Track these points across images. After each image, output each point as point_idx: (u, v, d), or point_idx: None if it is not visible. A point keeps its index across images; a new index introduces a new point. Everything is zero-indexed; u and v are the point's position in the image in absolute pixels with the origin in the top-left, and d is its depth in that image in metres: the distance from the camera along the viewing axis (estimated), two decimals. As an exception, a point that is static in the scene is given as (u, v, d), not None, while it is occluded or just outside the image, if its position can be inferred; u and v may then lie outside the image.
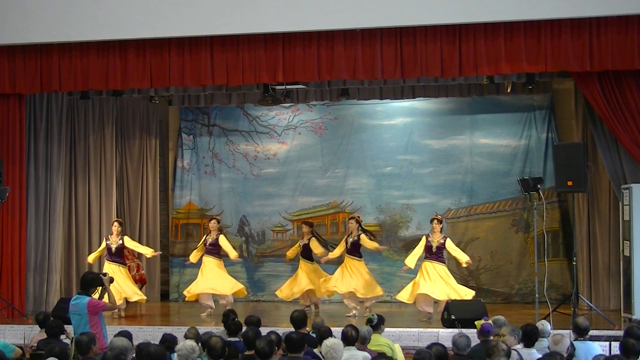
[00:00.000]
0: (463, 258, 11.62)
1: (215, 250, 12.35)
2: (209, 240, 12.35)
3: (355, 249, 12.07)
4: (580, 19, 10.55)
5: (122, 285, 11.95)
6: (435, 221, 11.74)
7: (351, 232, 12.16)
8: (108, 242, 12.18)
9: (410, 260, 11.76)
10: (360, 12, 10.88)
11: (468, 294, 11.47)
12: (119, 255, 12.21)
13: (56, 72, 11.64)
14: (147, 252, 12.43)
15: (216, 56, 11.29)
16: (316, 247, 12.46)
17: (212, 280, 12.18)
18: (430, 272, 11.51)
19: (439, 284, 11.44)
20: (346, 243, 12.14)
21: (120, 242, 12.15)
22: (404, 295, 11.70)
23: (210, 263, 12.28)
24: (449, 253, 11.76)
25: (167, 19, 11.25)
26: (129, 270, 13.80)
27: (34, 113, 12.69)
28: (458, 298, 11.20)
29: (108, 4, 11.41)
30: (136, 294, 12.18)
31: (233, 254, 12.30)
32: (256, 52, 11.19)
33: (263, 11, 11.06)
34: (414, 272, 11.96)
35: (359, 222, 12.26)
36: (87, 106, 13.46)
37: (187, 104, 14.21)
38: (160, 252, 13.22)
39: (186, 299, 12.65)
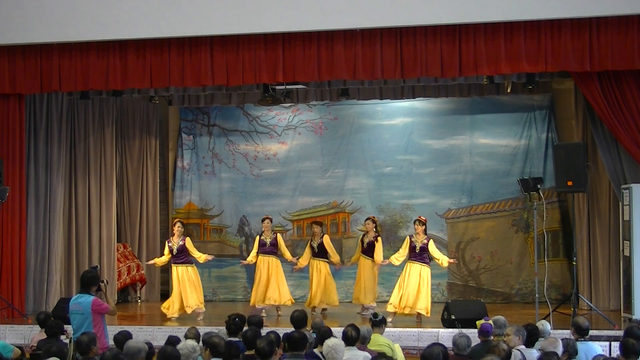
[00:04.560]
0: (444, 260, 11.50)
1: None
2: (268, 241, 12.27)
3: (371, 250, 12.11)
4: (580, 19, 10.54)
5: (188, 291, 11.65)
6: (418, 222, 11.65)
7: (367, 232, 12.20)
8: (170, 245, 11.81)
9: (395, 259, 11.75)
10: (360, 12, 10.87)
11: (423, 310, 11.28)
12: (183, 256, 11.78)
13: (56, 72, 11.63)
14: (201, 258, 11.87)
15: (216, 56, 11.29)
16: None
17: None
18: (410, 277, 11.40)
19: (405, 295, 11.35)
20: (362, 243, 12.21)
21: (182, 242, 11.77)
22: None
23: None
24: (431, 255, 11.55)
25: (167, 19, 11.24)
26: (129, 270, 13.82)
27: (34, 113, 12.67)
28: (412, 312, 11.28)
29: (108, 4, 11.40)
30: (189, 307, 11.69)
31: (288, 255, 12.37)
32: (256, 52, 11.18)
33: (263, 11, 11.06)
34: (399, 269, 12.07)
35: (375, 222, 12.29)
36: (87, 106, 13.43)
37: (187, 104, 14.21)
38: (214, 256, 12.69)
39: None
